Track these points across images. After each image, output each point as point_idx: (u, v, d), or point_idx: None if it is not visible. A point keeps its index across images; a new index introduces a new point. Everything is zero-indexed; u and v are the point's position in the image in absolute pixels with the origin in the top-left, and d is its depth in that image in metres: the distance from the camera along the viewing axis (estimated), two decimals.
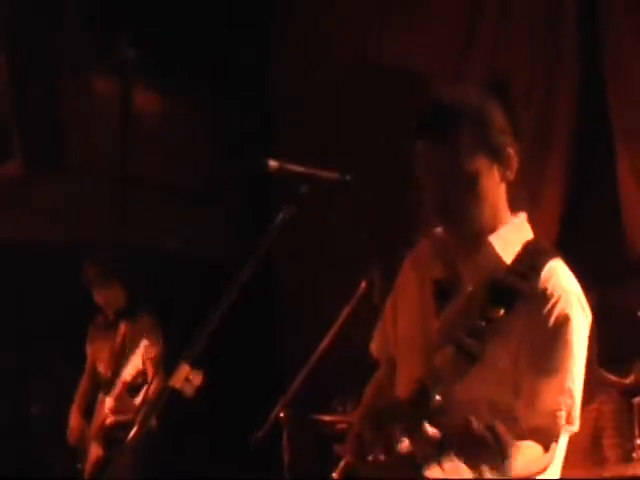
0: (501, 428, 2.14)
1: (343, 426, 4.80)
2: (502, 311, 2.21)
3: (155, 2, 6.34)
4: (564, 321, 2.24)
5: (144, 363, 5.21)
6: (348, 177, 2.27)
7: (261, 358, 6.15)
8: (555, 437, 2.25)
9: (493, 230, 2.30)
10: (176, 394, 2.11)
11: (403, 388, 2.37)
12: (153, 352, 5.26)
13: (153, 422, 4.19)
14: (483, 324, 2.21)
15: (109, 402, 5.28)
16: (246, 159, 6.07)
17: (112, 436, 5.30)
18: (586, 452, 4.19)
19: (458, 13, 5.75)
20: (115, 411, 5.31)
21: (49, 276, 5.58)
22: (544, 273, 2.26)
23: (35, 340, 5.67)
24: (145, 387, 5.27)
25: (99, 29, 6.26)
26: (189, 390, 2.09)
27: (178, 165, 6.53)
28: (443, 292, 2.36)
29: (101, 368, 5.57)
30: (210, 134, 6.80)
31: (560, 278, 2.28)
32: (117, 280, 5.44)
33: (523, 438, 2.21)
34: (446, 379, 2.17)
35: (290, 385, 4.05)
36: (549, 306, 2.23)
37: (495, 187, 2.29)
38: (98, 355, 5.59)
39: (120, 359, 5.35)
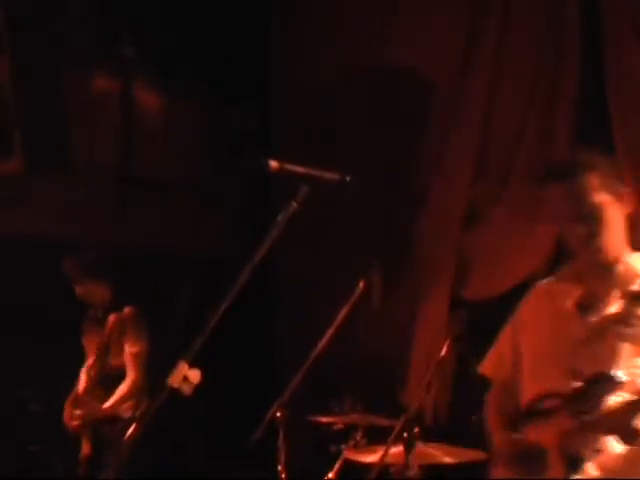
0: None
1: (339, 427, 4.80)
2: None
3: (155, 1, 6.34)
4: None
5: (125, 358, 5.28)
6: (348, 178, 2.29)
7: (260, 357, 6.15)
8: None
9: (618, 258, 2.89)
10: (174, 393, 2.12)
11: (531, 394, 2.90)
12: (136, 347, 5.30)
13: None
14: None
15: (78, 413, 5.35)
16: (246, 159, 6.07)
17: (97, 430, 5.35)
18: None
19: (459, 12, 5.75)
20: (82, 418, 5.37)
21: (49, 274, 5.58)
22: None
23: (34, 337, 5.67)
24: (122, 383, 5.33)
25: (99, 28, 6.26)
26: (187, 389, 2.10)
27: (178, 165, 6.53)
28: (585, 309, 2.88)
29: (89, 362, 5.61)
30: (210, 134, 6.80)
31: None
32: (99, 279, 5.47)
33: None
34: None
35: (287, 385, 4.05)
36: None
37: (617, 220, 2.86)
38: (89, 349, 5.63)
39: (105, 354, 5.39)
